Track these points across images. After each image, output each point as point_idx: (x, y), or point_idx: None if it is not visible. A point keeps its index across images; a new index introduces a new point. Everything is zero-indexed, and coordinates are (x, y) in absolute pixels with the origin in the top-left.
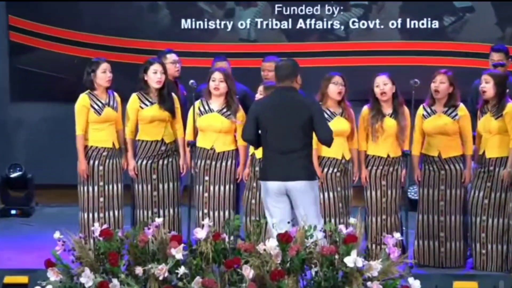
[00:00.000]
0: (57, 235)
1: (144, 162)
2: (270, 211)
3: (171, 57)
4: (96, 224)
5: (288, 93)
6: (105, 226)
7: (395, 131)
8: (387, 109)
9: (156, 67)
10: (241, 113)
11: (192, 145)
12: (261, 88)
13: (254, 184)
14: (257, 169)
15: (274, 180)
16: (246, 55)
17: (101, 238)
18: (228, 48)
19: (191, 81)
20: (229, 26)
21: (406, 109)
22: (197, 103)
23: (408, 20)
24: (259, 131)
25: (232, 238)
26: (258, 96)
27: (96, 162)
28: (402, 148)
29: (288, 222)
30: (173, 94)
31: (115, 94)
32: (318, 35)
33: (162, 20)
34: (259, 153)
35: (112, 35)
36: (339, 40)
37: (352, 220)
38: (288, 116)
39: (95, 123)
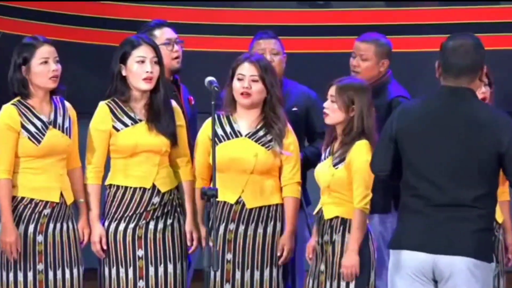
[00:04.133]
0: None
1: (121, 227)
2: None
3: (164, 33)
4: None
5: (462, 101)
6: None
7: None
8: None
9: (143, 51)
10: (292, 139)
11: (210, 195)
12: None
13: (322, 267)
14: (330, 238)
15: (416, 249)
16: (310, 31)
17: None
18: (275, 17)
19: (209, 79)
20: None
21: None
22: (209, 122)
23: None
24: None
25: None
26: (329, 105)
27: (31, 228)
28: None
29: None
30: (173, 102)
31: (68, 105)
32: None
33: None
34: (330, 212)
35: None
36: (488, 4)
37: None
38: (458, 144)
39: (30, 158)
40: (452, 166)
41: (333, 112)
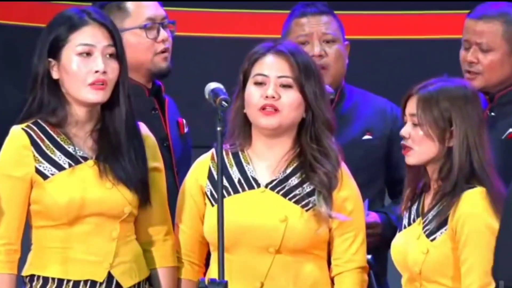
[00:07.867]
0: None
1: None
2: None
3: (144, 8)
4: None
5: None
6: None
7: None
8: None
9: (88, 36)
10: (350, 190)
11: None
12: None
13: None
14: None
15: None
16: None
17: None
18: None
19: (212, 86)
20: None
21: None
22: (201, 163)
23: None
24: None
25: None
26: (410, 132)
27: None
28: None
29: None
30: (143, 127)
31: None
32: None
33: None
34: None
35: None
36: None
37: None
38: None
39: None
40: None
41: (419, 144)
